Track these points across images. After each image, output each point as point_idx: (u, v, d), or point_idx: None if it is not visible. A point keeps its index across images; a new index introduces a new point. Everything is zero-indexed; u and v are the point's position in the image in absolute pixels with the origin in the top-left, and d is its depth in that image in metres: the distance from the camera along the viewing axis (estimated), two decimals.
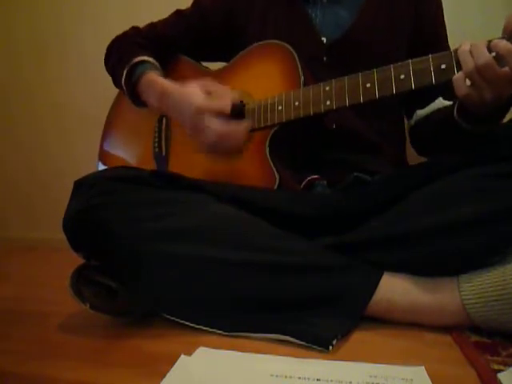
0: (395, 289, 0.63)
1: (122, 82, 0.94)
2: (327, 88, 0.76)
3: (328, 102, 0.75)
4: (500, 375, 0.47)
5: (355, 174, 0.83)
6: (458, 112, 0.73)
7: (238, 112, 0.84)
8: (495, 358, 0.52)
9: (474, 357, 0.53)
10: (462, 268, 0.63)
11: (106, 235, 0.66)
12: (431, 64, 0.67)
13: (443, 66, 0.66)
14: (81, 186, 0.70)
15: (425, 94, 0.89)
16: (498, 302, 0.58)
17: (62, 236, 0.69)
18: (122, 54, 0.97)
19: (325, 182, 0.85)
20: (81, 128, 1.59)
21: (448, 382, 0.50)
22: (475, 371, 0.50)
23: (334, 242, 0.69)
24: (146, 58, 0.94)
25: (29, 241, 1.61)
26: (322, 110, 0.76)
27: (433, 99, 0.88)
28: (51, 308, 0.79)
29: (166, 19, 1.04)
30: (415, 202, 0.68)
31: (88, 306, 0.64)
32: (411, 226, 0.65)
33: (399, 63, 0.70)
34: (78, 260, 0.70)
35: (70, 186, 0.71)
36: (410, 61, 0.69)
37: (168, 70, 1.00)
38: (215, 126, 0.78)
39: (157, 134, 0.99)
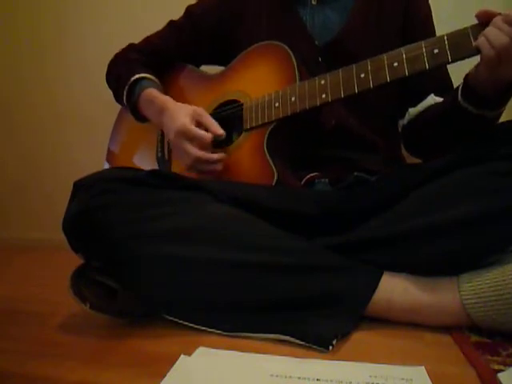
0: (395, 289, 0.63)
1: (124, 101, 0.98)
2: (322, 82, 0.77)
3: (323, 96, 0.76)
4: (500, 375, 0.47)
5: (356, 173, 0.84)
6: (463, 94, 0.73)
7: (219, 143, 0.87)
8: (495, 358, 0.52)
9: (473, 357, 0.53)
10: (462, 268, 0.63)
11: (105, 236, 0.66)
12: (424, 50, 0.69)
13: (436, 51, 0.68)
14: (80, 187, 0.70)
15: (416, 91, 0.89)
16: (498, 302, 0.58)
17: (62, 236, 0.69)
18: (121, 72, 1.00)
19: (326, 180, 0.85)
20: (80, 129, 1.60)
21: (448, 382, 0.49)
22: (475, 371, 0.50)
23: (333, 241, 0.69)
24: (143, 74, 0.97)
25: (29, 241, 1.61)
26: (318, 104, 0.77)
27: (424, 96, 0.88)
28: (51, 308, 0.79)
29: (159, 32, 1.06)
30: (415, 202, 0.68)
31: (88, 306, 0.64)
32: (411, 226, 0.65)
33: (392, 52, 0.71)
34: (78, 260, 0.70)
35: (70, 186, 0.71)
36: (403, 49, 0.70)
37: (168, 78, 1.03)
38: (191, 150, 0.83)
39: (160, 139, 1.01)
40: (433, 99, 0.87)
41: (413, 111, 0.90)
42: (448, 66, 0.86)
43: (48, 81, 1.61)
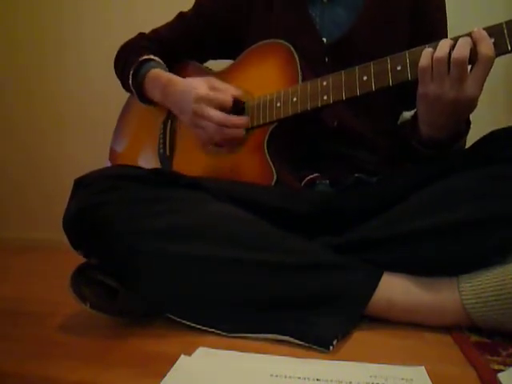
0: (395, 288, 0.63)
1: (130, 82, 0.96)
2: (324, 83, 0.77)
3: (325, 97, 0.76)
4: (500, 375, 0.47)
5: (356, 174, 0.83)
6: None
7: (239, 109, 0.85)
8: (495, 358, 0.52)
9: (473, 357, 0.53)
10: (462, 268, 0.63)
11: (105, 234, 0.66)
12: None
13: None
14: (81, 184, 0.70)
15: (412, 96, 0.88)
16: (498, 302, 0.58)
17: (62, 236, 0.69)
18: (128, 56, 1.00)
19: (327, 181, 0.85)
20: (80, 128, 1.60)
21: (448, 382, 0.50)
22: (475, 371, 0.50)
23: (334, 241, 0.69)
24: (151, 56, 0.97)
25: (29, 241, 1.61)
26: (320, 105, 0.77)
27: None
28: (51, 308, 0.79)
29: (168, 23, 1.06)
30: (416, 203, 0.68)
31: (88, 305, 0.64)
32: (412, 226, 0.65)
33: (395, 54, 0.70)
34: (78, 260, 0.70)
35: (70, 186, 0.71)
36: (407, 51, 0.69)
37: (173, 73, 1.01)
38: (214, 114, 0.81)
39: (161, 136, 1.01)
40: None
41: (406, 116, 0.90)
42: None
43: (48, 81, 1.61)
